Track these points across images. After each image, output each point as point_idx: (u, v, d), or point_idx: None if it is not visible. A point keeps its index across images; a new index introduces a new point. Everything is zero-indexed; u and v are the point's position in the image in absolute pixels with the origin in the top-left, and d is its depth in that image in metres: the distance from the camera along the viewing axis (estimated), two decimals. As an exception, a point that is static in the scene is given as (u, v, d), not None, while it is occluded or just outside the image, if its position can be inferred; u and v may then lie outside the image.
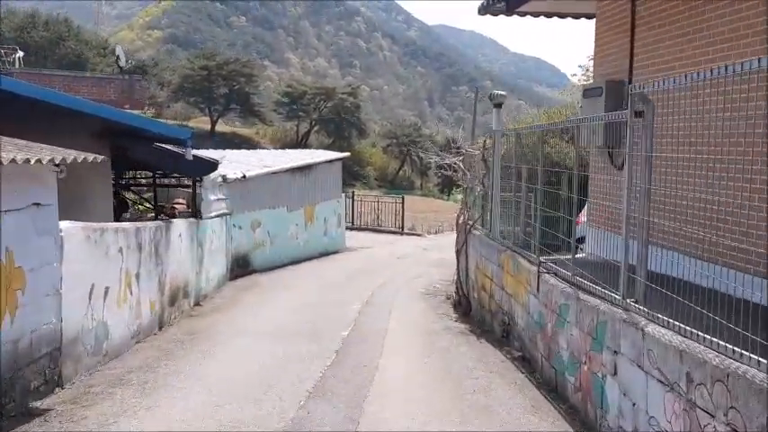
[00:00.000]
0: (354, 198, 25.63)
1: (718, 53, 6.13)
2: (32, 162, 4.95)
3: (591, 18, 9.88)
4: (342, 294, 11.68)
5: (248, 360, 7.11)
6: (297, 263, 15.78)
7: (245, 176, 13.81)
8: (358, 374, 6.54)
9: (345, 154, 21.57)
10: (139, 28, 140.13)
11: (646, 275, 4.27)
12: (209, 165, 11.52)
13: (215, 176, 12.53)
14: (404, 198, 25.46)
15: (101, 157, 6.13)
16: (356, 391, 6.05)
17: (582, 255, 7.04)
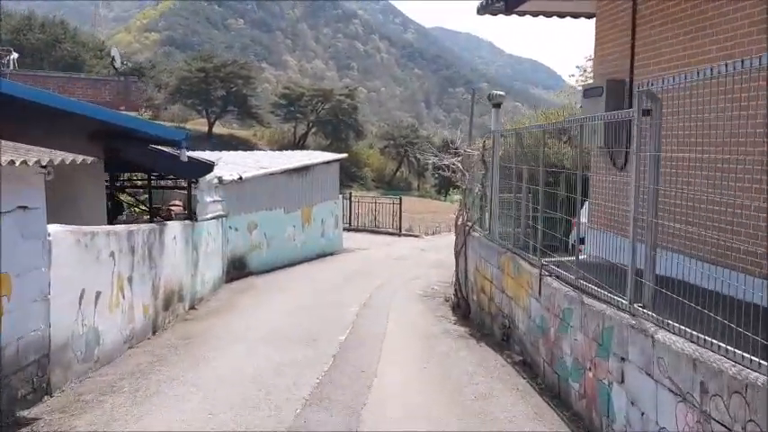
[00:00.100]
0: (352, 199, 25.51)
1: (721, 51, 6.01)
2: (17, 164, 4.79)
3: (590, 17, 9.76)
4: (339, 296, 11.54)
5: (244, 365, 6.94)
6: (294, 265, 15.66)
7: (241, 178, 13.68)
8: (356, 380, 6.38)
9: (343, 155, 21.42)
10: (137, 30, 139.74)
11: (654, 279, 4.11)
12: (204, 166, 11.36)
13: (211, 178, 12.38)
14: (401, 199, 25.33)
15: (90, 158, 5.96)
16: (354, 398, 5.88)
17: (582, 256, 6.90)
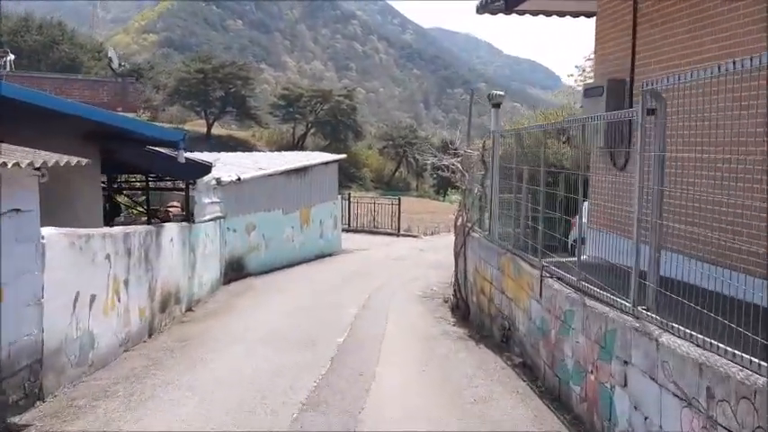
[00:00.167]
0: (351, 200, 25.45)
1: (724, 50, 5.93)
2: (10, 166, 4.70)
3: (591, 16, 9.68)
4: (338, 298, 11.46)
5: (240, 369, 6.85)
6: (292, 266, 15.59)
7: (239, 179, 13.61)
8: (354, 384, 6.29)
9: (341, 156, 21.35)
10: (135, 32, 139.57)
11: (657, 281, 4.03)
12: (202, 167, 11.28)
13: (209, 179, 12.30)
14: (400, 199, 25.26)
15: (84, 160, 5.87)
16: (352, 402, 5.79)
17: (582, 257, 6.82)
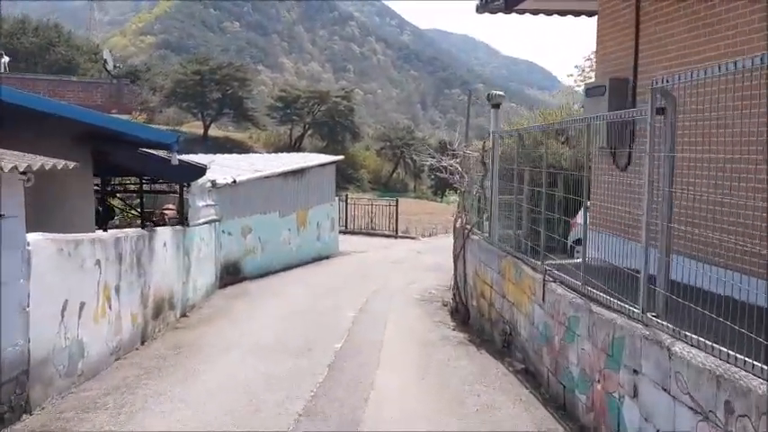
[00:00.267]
0: (348, 201, 25.27)
1: (730, 48, 5.79)
2: (-8, 169, 4.52)
3: (591, 15, 9.54)
4: (335, 301, 11.28)
5: (235, 378, 6.66)
6: (289, 269, 15.42)
7: (235, 181, 13.42)
8: (352, 393, 6.10)
9: (339, 157, 21.17)
10: (132, 34, 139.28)
11: (667, 287, 3.86)
12: (196, 170, 11.09)
13: (203, 182, 12.11)
14: (398, 201, 25.06)
15: (72, 163, 5.68)
16: (350, 412, 5.61)
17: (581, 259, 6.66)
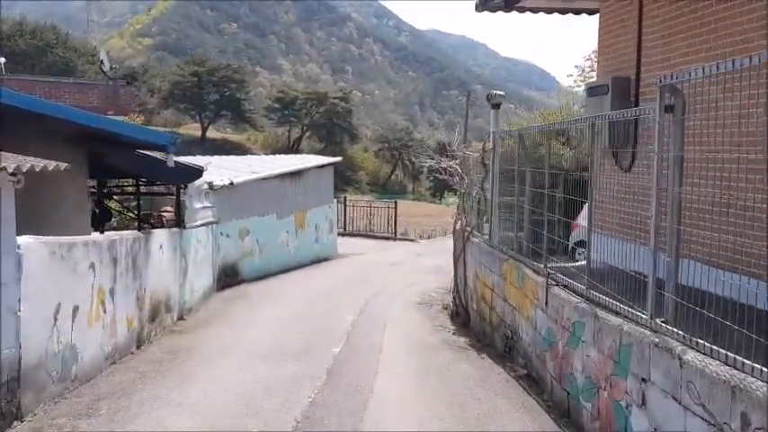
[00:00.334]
0: (346, 203, 25.14)
1: (737, 45, 5.68)
2: (-20, 170, 4.40)
3: (593, 14, 9.43)
4: (333, 305, 11.15)
5: (232, 383, 6.53)
6: (287, 271, 15.30)
7: (232, 183, 13.30)
8: (350, 399, 5.97)
9: (337, 159, 21.07)
10: (130, 35, 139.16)
11: (676, 291, 3.73)
12: (193, 171, 10.96)
13: (200, 183, 11.98)
14: (396, 203, 24.94)
15: (64, 164, 5.55)
16: (348, 419, 5.47)
17: (583, 262, 6.54)
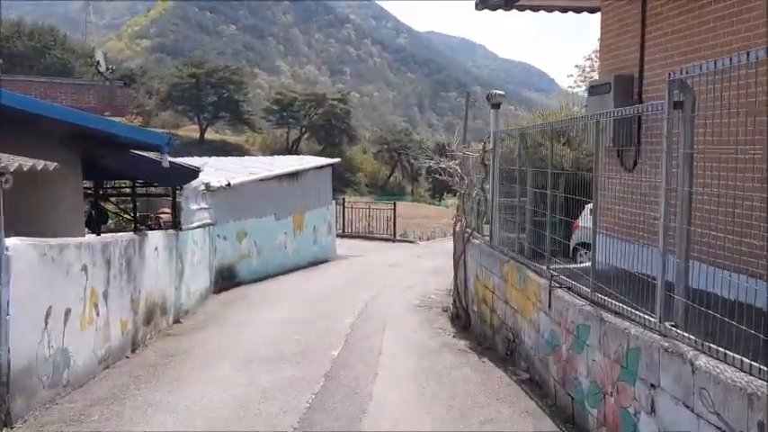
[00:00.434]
0: (345, 205, 24.99)
1: (742, 41, 5.55)
2: (-34, 170, 4.26)
3: (594, 12, 9.31)
4: (332, 307, 11.01)
5: (228, 388, 6.38)
6: (285, 273, 15.16)
7: (229, 184, 13.17)
8: (349, 404, 5.82)
9: (335, 160, 20.95)
10: (128, 37, 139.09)
11: (687, 294, 3.60)
12: (189, 172, 10.84)
13: (197, 184, 11.86)
14: (395, 204, 24.79)
15: (52, 164, 5.41)
16: (347, 425, 5.34)
17: (587, 263, 6.42)
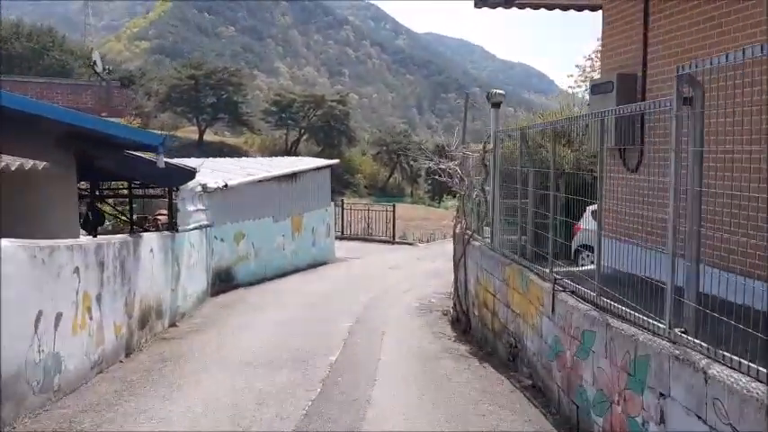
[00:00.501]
0: (344, 207, 24.84)
1: (748, 38, 5.42)
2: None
3: (595, 10, 9.18)
4: (330, 310, 10.86)
5: (223, 393, 6.24)
6: (284, 275, 15.01)
7: (226, 185, 13.02)
8: (347, 412, 5.67)
9: (334, 161, 20.79)
10: (127, 39, 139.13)
11: (698, 299, 3.46)
12: (185, 173, 10.69)
13: (194, 186, 11.71)
14: (394, 206, 24.64)
15: (41, 163, 5.28)
16: (345, 432, 5.21)
17: (589, 266, 6.28)
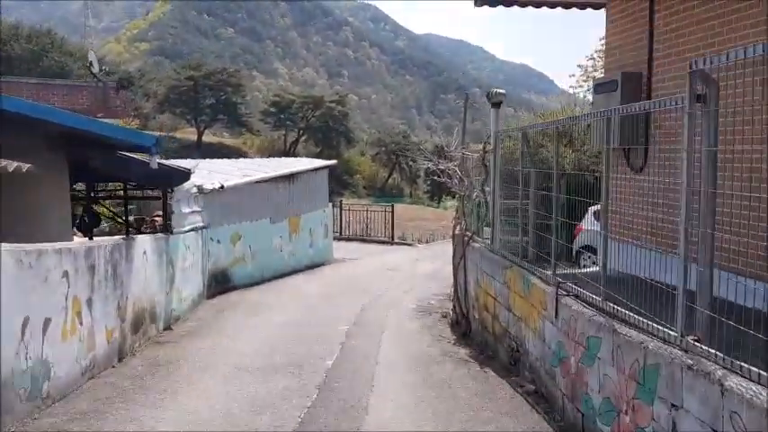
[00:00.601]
0: (342, 207, 24.67)
1: (759, 35, 5.26)
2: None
3: (598, 8, 9.02)
4: (328, 312, 10.70)
5: (216, 400, 6.07)
6: (281, 277, 14.84)
7: (222, 186, 12.84)
8: (343, 419, 5.50)
9: (332, 162, 20.64)
10: (126, 40, 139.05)
11: (712, 306, 3.29)
12: (180, 174, 10.54)
13: (189, 187, 11.55)
14: (393, 207, 24.48)
15: (26, 165, 5.11)
16: (341, 442, 5.04)
17: (593, 268, 6.13)
